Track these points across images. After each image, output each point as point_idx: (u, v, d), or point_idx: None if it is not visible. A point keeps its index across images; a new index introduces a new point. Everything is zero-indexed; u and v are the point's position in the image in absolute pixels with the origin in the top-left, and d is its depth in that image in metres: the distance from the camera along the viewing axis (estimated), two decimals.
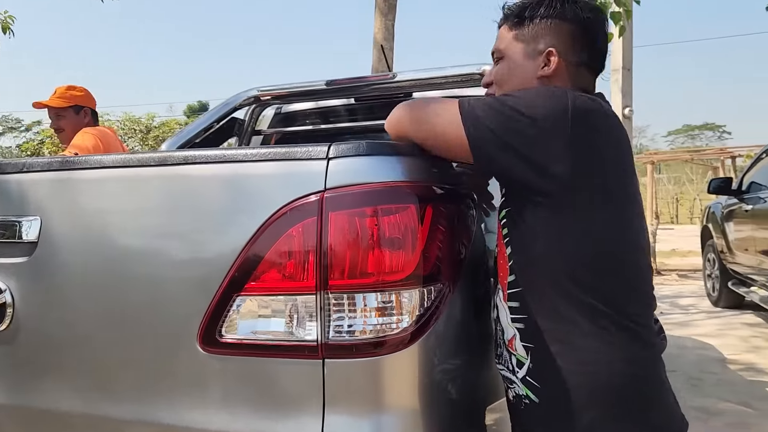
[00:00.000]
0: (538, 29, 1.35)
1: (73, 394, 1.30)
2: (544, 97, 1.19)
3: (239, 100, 3.20)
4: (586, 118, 1.18)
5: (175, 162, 1.24)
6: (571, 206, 1.19)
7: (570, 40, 1.34)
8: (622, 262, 1.21)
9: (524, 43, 1.36)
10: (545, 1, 1.36)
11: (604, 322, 1.18)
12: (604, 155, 1.20)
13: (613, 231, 1.21)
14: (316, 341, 1.13)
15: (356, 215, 1.11)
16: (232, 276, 1.16)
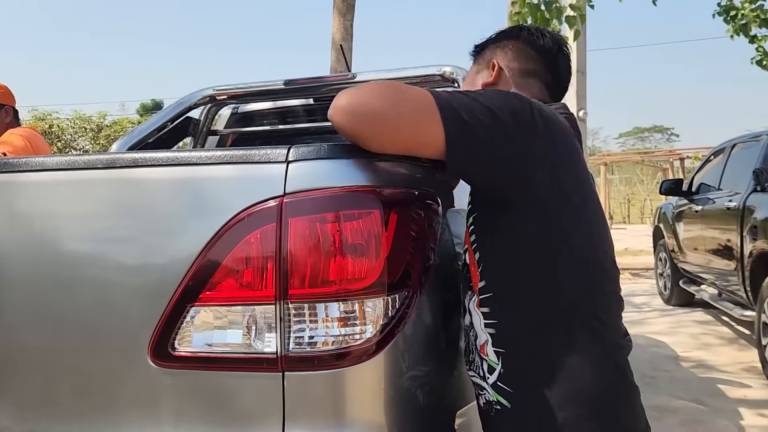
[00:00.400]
0: (488, 52, 1.49)
1: (5, 410, 1.21)
2: (514, 98, 1.18)
3: (194, 99, 3.11)
4: (549, 125, 1.18)
5: (124, 164, 1.16)
6: (537, 210, 1.17)
7: (514, 52, 1.46)
8: (589, 265, 1.20)
9: (476, 65, 1.51)
10: (498, 34, 1.50)
11: (574, 325, 1.17)
12: (564, 160, 1.20)
13: (578, 235, 1.19)
14: (275, 353, 1.07)
15: (317, 221, 1.06)
16: (186, 285, 1.10)
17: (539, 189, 1.16)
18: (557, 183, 1.17)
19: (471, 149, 1.12)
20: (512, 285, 1.20)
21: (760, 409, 4.04)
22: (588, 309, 1.18)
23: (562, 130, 1.22)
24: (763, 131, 5.58)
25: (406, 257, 1.15)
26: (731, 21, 12.37)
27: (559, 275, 1.17)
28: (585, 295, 1.18)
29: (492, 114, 1.12)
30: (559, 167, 1.18)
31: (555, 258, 1.18)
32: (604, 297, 1.22)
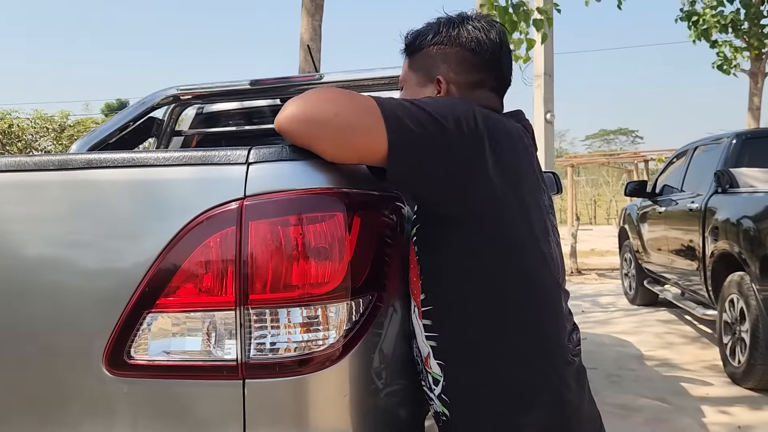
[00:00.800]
0: (427, 58, 1.35)
1: None
2: (462, 109, 1.14)
3: (157, 99, 3.04)
4: (495, 134, 1.15)
5: (78, 166, 1.12)
6: (478, 224, 1.15)
7: (458, 64, 1.33)
8: (529, 282, 1.18)
9: (416, 73, 1.36)
10: (434, 28, 1.35)
11: (513, 341, 1.16)
12: (511, 169, 1.17)
13: (520, 251, 1.17)
14: (235, 361, 1.04)
15: (279, 224, 1.03)
16: (143, 291, 1.06)
17: (481, 202, 1.13)
18: (500, 197, 1.14)
19: (413, 159, 1.09)
20: (452, 299, 1.19)
21: (722, 406, 4.12)
22: (527, 328, 1.17)
23: (510, 140, 1.19)
24: (723, 134, 5.71)
25: (370, 261, 1.14)
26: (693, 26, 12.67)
27: (499, 290, 1.16)
28: (525, 311, 1.17)
29: (437, 123, 1.09)
30: (504, 180, 1.15)
31: (495, 273, 1.16)
32: (543, 316, 1.20)
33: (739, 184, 4.95)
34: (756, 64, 13.10)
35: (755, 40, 12.56)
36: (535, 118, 10.10)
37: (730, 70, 13.23)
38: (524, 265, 1.17)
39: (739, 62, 13.29)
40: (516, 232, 1.16)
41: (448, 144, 1.09)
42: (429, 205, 1.20)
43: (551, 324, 1.20)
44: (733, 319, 4.61)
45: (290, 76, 3.01)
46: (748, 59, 13.20)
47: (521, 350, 1.16)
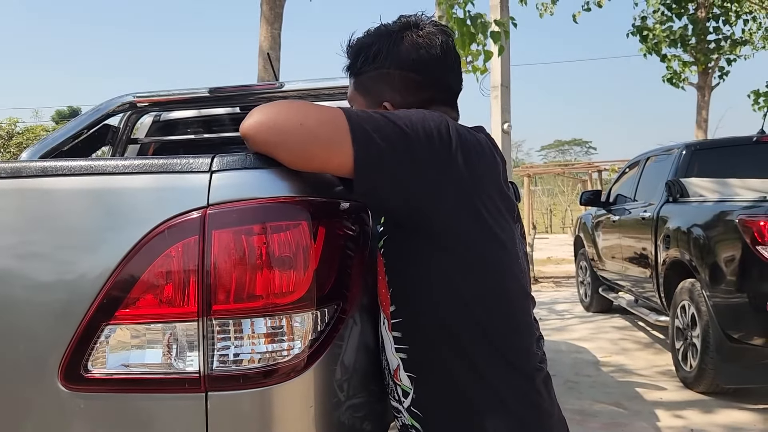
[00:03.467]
0: (371, 82, 1.31)
1: None
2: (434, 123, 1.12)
3: (113, 106, 2.96)
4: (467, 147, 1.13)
5: (31, 174, 1.08)
6: (446, 237, 1.14)
7: (403, 88, 1.29)
8: (499, 294, 1.18)
9: (363, 96, 1.32)
10: (375, 47, 1.29)
11: (483, 353, 1.16)
12: (482, 183, 1.16)
13: (488, 263, 1.17)
14: (198, 373, 1.02)
15: (242, 233, 1.02)
16: (101, 302, 1.02)
17: (450, 215, 1.12)
18: (470, 209, 1.14)
19: (379, 173, 1.07)
20: (422, 311, 1.18)
21: (675, 410, 4.22)
22: (498, 338, 1.17)
23: (481, 151, 1.17)
24: (674, 145, 5.88)
25: (335, 270, 1.13)
26: (644, 41, 13.06)
27: (467, 303, 1.15)
28: (492, 323, 1.17)
29: (405, 137, 1.07)
30: (474, 192, 1.14)
31: (463, 286, 1.15)
32: (512, 325, 1.20)
33: (689, 194, 5.11)
34: (703, 78, 13.57)
35: (702, 54, 13.02)
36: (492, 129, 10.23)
37: (679, 84, 13.69)
38: (494, 277, 1.17)
39: (687, 76, 13.77)
40: (486, 244, 1.16)
41: (416, 158, 1.08)
42: (397, 218, 1.19)
43: (521, 334, 1.21)
44: (684, 325, 4.74)
45: (250, 84, 2.98)
46: (695, 73, 13.68)
47: (492, 361, 1.16)
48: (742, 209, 4.09)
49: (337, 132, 1.05)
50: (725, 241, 4.18)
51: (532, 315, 1.25)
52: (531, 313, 1.24)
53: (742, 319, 4.11)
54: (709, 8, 12.76)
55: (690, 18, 12.63)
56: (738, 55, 13.64)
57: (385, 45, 1.29)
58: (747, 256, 3.95)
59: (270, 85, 2.95)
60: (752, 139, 5.34)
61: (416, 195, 1.10)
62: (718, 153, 5.48)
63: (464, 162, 1.12)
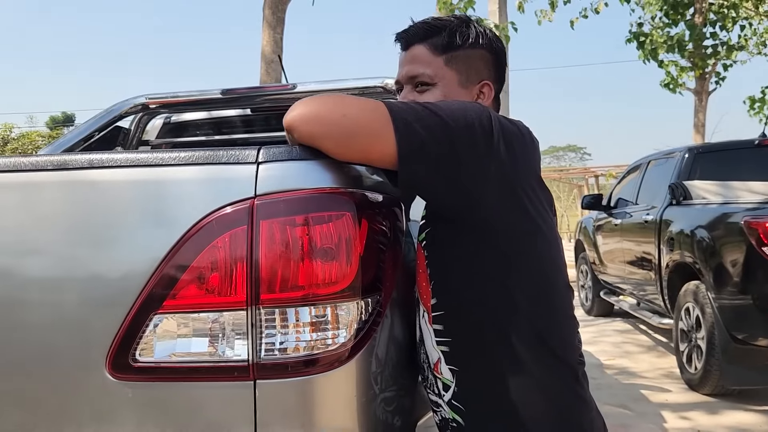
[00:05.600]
0: (472, 58, 1.33)
1: None
2: (475, 113, 1.13)
3: (125, 108, 2.98)
4: (509, 139, 1.15)
5: (78, 166, 1.09)
6: (491, 229, 1.16)
7: (495, 71, 1.36)
8: (542, 286, 1.20)
9: (457, 72, 1.32)
10: (470, 29, 1.33)
11: (527, 345, 1.17)
12: (523, 175, 1.18)
13: (533, 255, 1.19)
14: (246, 361, 1.03)
15: (289, 223, 1.03)
16: (149, 292, 1.04)
17: (493, 208, 1.14)
18: (513, 202, 1.15)
19: (422, 161, 1.09)
20: (465, 303, 1.19)
21: (681, 412, 4.24)
22: (542, 329, 1.18)
23: (523, 141, 1.19)
24: (675, 149, 5.92)
25: (376, 261, 1.14)
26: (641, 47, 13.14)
27: (512, 295, 1.17)
28: (539, 315, 1.18)
29: (446, 127, 1.09)
30: (516, 183, 1.16)
31: (508, 278, 1.17)
32: (558, 317, 1.22)
33: (692, 197, 5.14)
34: (700, 83, 13.67)
35: (699, 60, 13.12)
36: None
37: (676, 89, 13.78)
38: (539, 268, 1.19)
39: (684, 81, 13.86)
40: (530, 234, 1.17)
41: (458, 147, 1.09)
42: (440, 209, 1.20)
43: (565, 326, 1.23)
44: (689, 327, 4.76)
45: (262, 85, 3.01)
46: (693, 78, 13.78)
47: (538, 353, 1.17)
48: (747, 211, 4.12)
49: (379, 122, 1.07)
50: (731, 243, 4.21)
51: (573, 308, 1.26)
52: (573, 306, 1.26)
53: (747, 321, 4.13)
54: (706, 14, 12.86)
55: (687, 24, 12.72)
56: (734, 61, 13.74)
57: (473, 27, 1.33)
58: (753, 257, 3.97)
59: (282, 86, 2.96)
60: (753, 142, 5.38)
61: (459, 184, 1.11)
62: (720, 156, 5.52)
63: (506, 152, 1.13)
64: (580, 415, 1.20)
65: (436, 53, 1.32)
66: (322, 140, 1.08)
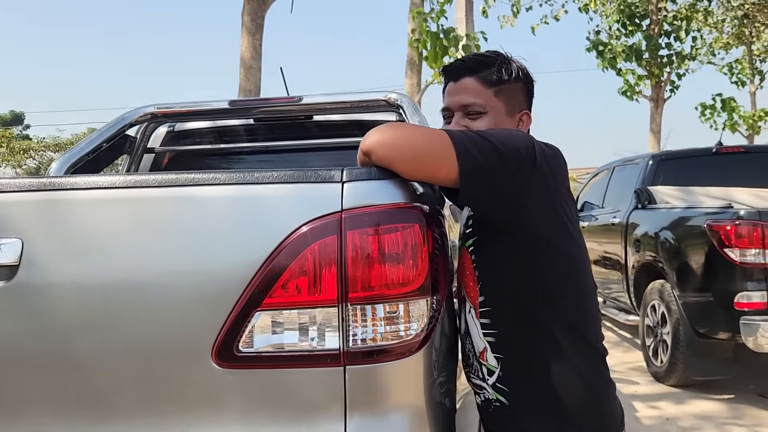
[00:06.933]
0: (514, 90, 1.54)
1: (64, 420, 1.26)
2: (521, 140, 1.35)
3: (135, 117, 3.09)
4: (549, 160, 1.37)
5: (185, 183, 1.26)
6: (535, 239, 1.37)
7: (530, 101, 1.59)
8: (579, 285, 1.43)
9: (504, 103, 1.52)
10: (512, 65, 1.54)
11: (566, 335, 1.39)
12: (561, 195, 1.40)
13: (571, 259, 1.41)
14: (338, 350, 1.21)
15: (372, 233, 1.22)
16: (251, 292, 1.21)
17: (536, 220, 1.36)
18: (552, 214, 1.38)
19: (480, 180, 1.30)
20: (511, 301, 1.41)
21: (650, 402, 4.55)
22: (577, 321, 1.41)
23: (558, 163, 1.41)
24: (639, 155, 6.28)
25: (436, 264, 1.33)
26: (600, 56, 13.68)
27: (551, 294, 1.39)
28: (574, 310, 1.41)
29: (498, 151, 1.30)
30: (557, 203, 1.39)
31: (547, 279, 1.39)
32: (589, 311, 1.45)
33: (656, 201, 5.48)
34: (656, 91, 14.30)
35: (656, 68, 13.73)
36: None
37: (633, 96, 14.39)
38: (573, 271, 1.41)
39: (641, 89, 14.48)
40: (565, 243, 1.40)
41: (508, 169, 1.31)
42: (491, 221, 1.41)
43: (595, 319, 1.45)
44: (654, 324, 5.08)
45: (270, 97, 3.15)
46: (649, 86, 14.40)
47: (574, 341, 1.39)
48: (709, 215, 4.45)
49: (444, 148, 1.28)
50: (694, 245, 4.53)
51: (598, 303, 1.49)
52: (598, 302, 1.49)
53: (710, 316, 4.46)
54: (661, 25, 13.46)
55: (644, 34, 13.30)
56: (686, 70, 14.41)
57: (513, 63, 1.54)
58: (714, 257, 4.30)
59: (289, 99, 3.13)
60: (712, 150, 5.77)
61: (509, 200, 1.33)
62: (682, 163, 5.88)
63: (548, 172, 1.35)
64: (607, 392, 1.43)
65: (486, 85, 1.51)
66: (396, 163, 1.28)
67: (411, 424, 1.25)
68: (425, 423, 1.28)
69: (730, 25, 16.15)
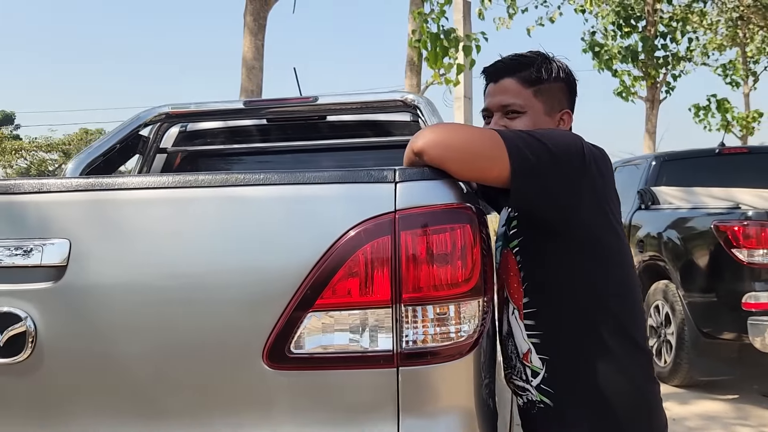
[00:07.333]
0: (554, 90, 1.54)
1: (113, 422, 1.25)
2: (570, 139, 1.36)
3: (149, 117, 3.08)
4: (596, 160, 1.38)
5: (235, 183, 1.25)
6: (583, 239, 1.38)
7: (572, 101, 1.59)
8: (625, 285, 1.43)
9: (543, 103, 1.52)
10: (552, 64, 1.53)
11: (613, 336, 1.39)
12: (608, 194, 1.41)
13: (617, 259, 1.42)
14: (391, 351, 1.21)
15: (426, 233, 1.22)
16: (303, 293, 1.20)
17: (585, 219, 1.37)
18: (600, 214, 1.38)
19: (532, 180, 1.30)
20: (557, 302, 1.41)
21: None
22: (625, 322, 1.41)
23: (606, 164, 1.42)
24: (641, 156, 6.33)
25: (485, 267, 1.33)
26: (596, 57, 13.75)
27: (600, 294, 1.39)
28: (622, 310, 1.41)
29: (549, 151, 1.31)
30: (605, 202, 1.39)
31: (595, 279, 1.39)
32: (636, 311, 1.45)
33: (659, 202, 5.50)
34: (651, 92, 14.38)
35: (651, 69, 13.81)
36: None
37: (629, 97, 14.46)
38: (620, 270, 1.42)
39: (636, 90, 14.56)
40: (613, 242, 1.41)
41: (559, 169, 1.31)
42: (539, 222, 1.41)
43: (642, 322, 1.45)
44: (658, 324, 5.10)
45: (285, 97, 3.14)
46: (644, 87, 14.48)
47: (622, 342, 1.39)
48: (716, 215, 4.48)
49: (496, 148, 1.28)
50: (700, 245, 4.56)
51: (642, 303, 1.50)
52: (642, 302, 1.50)
53: (716, 316, 4.48)
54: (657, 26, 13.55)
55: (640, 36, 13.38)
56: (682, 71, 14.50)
57: (554, 62, 1.53)
58: (721, 258, 4.33)
59: (303, 99, 3.12)
60: (715, 151, 5.80)
61: (559, 200, 1.34)
62: (684, 163, 5.92)
63: (596, 172, 1.36)
64: (653, 394, 1.43)
65: (525, 86, 1.51)
66: (449, 163, 1.28)
67: (462, 426, 1.25)
68: (475, 425, 1.27)
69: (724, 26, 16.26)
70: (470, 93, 11.46)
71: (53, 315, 1.26)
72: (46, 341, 1.25)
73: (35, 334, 1.25)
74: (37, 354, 1.25)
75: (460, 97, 11.02)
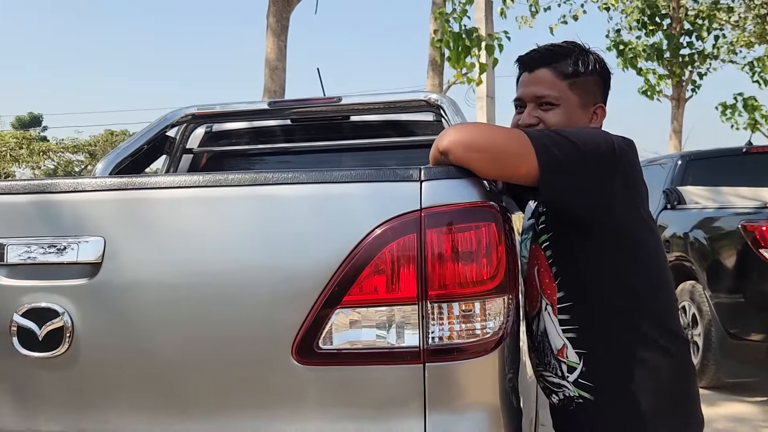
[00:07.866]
0: (589, 83, 1.52)
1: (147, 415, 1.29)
2: (599, 137, 1.37)
3: (176, 117, 3.13)
4: (627, 155, 1.38)
5: (268, 182, 1.28)
6: (615, 233, 1.38)
7: (605, 94, 1.58)
8: (659, 276, 1.44)
9: (578, 96, 1.50)
10: (588, 57, 1.52)
11: (653, 326, 1.40)
12: (639, 188, 1.42)
13: (650, 252, 1.43)
14: (417, 347, 1.23)
15: (451, 231, 1.23)
16: (331, 290, 1.22)
17: (618, 214, 1.37)
18: (632, 207, 1.39)
19: (560, 177, 1.31)
20: (592, 295, 1.41)
21: None
22: (662, 313, 1.42)
23: (636, 159, 1.42)
24: (667, 155, 6.26)
25: (510, 264, 1.34)
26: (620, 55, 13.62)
27: (635, 286, 1.40)
28: (658, 302, 1.42)
29: (577, 149, 1.32)
30: (634, 194, 1.40)
31: (630, 272, 1.40)
32: (672, 302, 1.46)
33: (686, 201, 5.44)
34: (677, 91, 14.22)
35: (677, 67, 13.65)
36: None
37: (653, 96, 14.31)
38: (654, 264, 1.43)
39: (662, 88, 14.40)
40: (646, 236, 1.41)
41: (588, 166, 1.32)
42: (569, 218, 1.42)
43: (675, 316, 1.46)
44: (685, 325, 5.04)
45: (309, 98, 3.17)
46: (670, 86, 14.31)
47: (661, 333, 1.40)
48: (743, 215, 4.42)
49: (523, 147, 1.30)
50: (728, 245, 4.50)
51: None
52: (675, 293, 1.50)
53: (743, 317, 4.42)
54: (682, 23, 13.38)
55: (665, 34, 13.23)
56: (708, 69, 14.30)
57: (591, 55, 1.52)
58: (749, 258, 4.27)
59: (328, 99, 3.15)
60: (742, 150, 5.72)
61: (590, 196, 1.34)
62: (711, 163, 5.84)
63: (628, 167, 1.37)
64: (693, 382, 1.45)
65: (560, 78, 1.49)
66: (475, 162, 1.29)
67: (488, 422, 1.26)
68: (500, 421, 1.29)
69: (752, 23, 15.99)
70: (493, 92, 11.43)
71: (89, 310, 1.29)
72: (82, 336, 1.29)
73: (72, 328, 1.29)
74: (74, 348, 1.29)
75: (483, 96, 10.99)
